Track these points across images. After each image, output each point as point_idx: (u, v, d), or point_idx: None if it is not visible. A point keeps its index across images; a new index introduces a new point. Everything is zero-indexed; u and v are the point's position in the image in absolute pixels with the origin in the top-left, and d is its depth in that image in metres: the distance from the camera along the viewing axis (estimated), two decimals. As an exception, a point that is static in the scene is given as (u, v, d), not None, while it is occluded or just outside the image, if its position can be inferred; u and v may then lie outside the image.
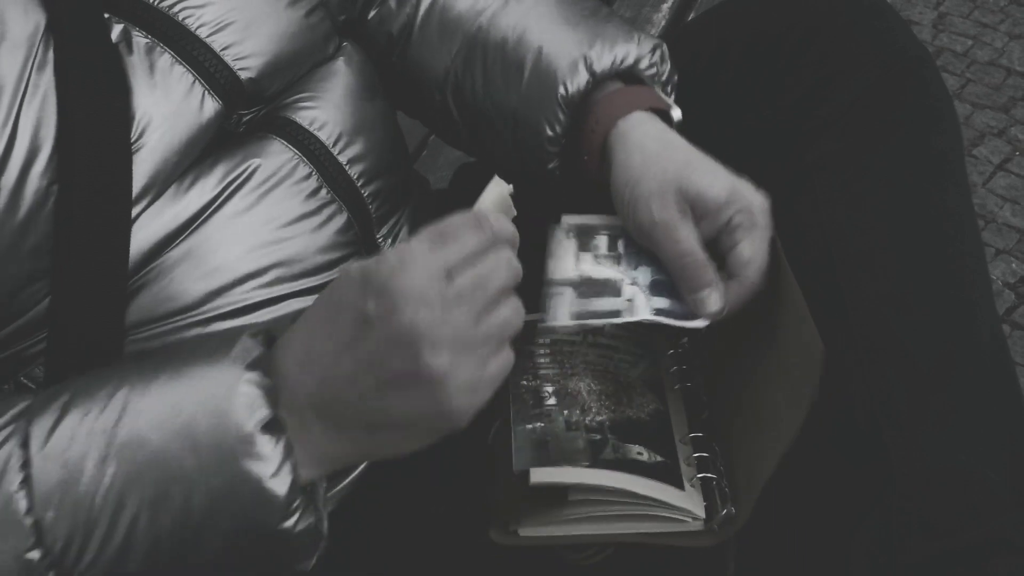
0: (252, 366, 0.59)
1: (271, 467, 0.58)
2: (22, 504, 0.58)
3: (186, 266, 0.69)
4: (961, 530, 0.70)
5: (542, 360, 0.82)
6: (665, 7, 1.75)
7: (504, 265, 0.59)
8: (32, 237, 0.64)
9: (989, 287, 0.80)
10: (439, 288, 0.57)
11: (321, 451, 0.60)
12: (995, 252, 1.75)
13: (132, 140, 0.68)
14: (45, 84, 0.65)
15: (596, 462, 0.73)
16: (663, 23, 1.72)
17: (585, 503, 0.72)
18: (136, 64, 0.69)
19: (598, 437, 0.75)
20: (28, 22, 0.65)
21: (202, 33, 0.72)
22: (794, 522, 0.80)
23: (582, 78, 0.80)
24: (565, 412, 0.77)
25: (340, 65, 0.83)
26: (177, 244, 0.69)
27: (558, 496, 0.73)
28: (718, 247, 0.75)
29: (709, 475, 0.75)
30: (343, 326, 0.58)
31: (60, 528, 0.58)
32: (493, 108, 0.85)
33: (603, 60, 0.80)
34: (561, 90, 0.80)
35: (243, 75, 0.74)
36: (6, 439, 0.59)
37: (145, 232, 0.68)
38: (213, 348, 0.61)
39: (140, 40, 0.70)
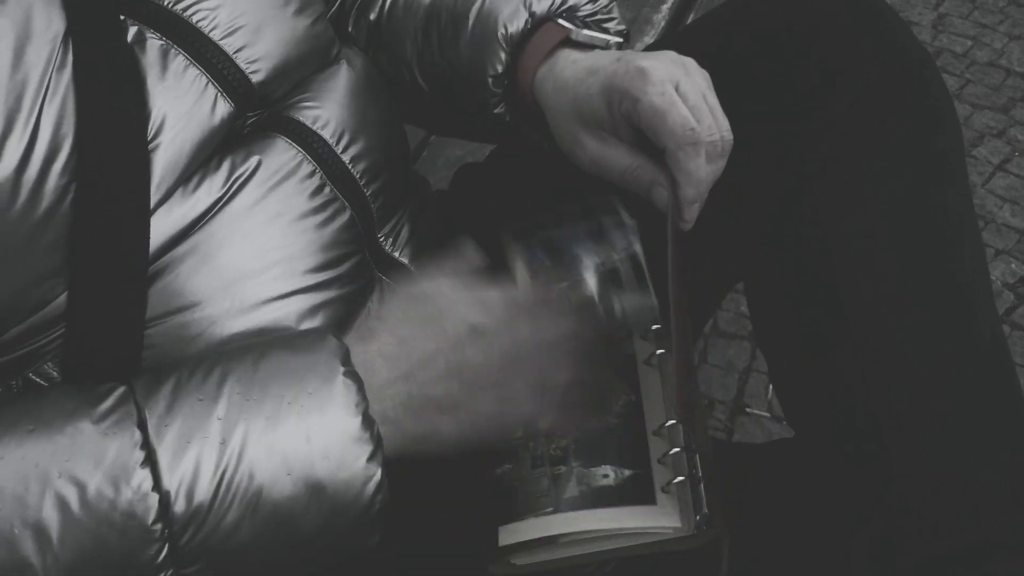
0: (345, 360, 0.65)
1: (367, 452, 0.64)
2: (148, 482, 0.60)
3: (193, 262, 0.70)
4: (961, 530, 0.70)
5: None
6: (665, 8, 1.75)
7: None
8: (50, 233, 0.64)
9: (989, 288, 0.80)
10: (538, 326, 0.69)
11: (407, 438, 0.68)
12: (995, 252, 1.75)
13: (148, 140, 0.68)
14: (65, 84, 0.65)
15: (560, 504, 0.72)
16: (663, 24, 1.72)
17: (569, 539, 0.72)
18: (151, 65, 0.70)
19: (562, 469, 0.74)
20: (51, 23, 0.66)
21: (215, 36, 0.73)
22: (794, 522, 0.81)
23: (521, 18, 0.84)
24: (531, 444, 0.76)
25: (343, 66, 0.83)
26: (184, 240, 0.70)
27: None
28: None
29: (682, 478, 0.73)
30: (447, 333, 0.68)
31: (187, 504, 0.60)
32: (449, 68, 0.89)
33: (543, 2, 0.84)
34: (501, 30, 0.84)
35: (254, 78, 0.75)
36: (121, 419, 0.61)
37: (156, 230, 0.68)
38: (307, 345, 0.66)
39: (155, 42, 0.71)
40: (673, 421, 0.75)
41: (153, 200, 0.68)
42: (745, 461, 0.92)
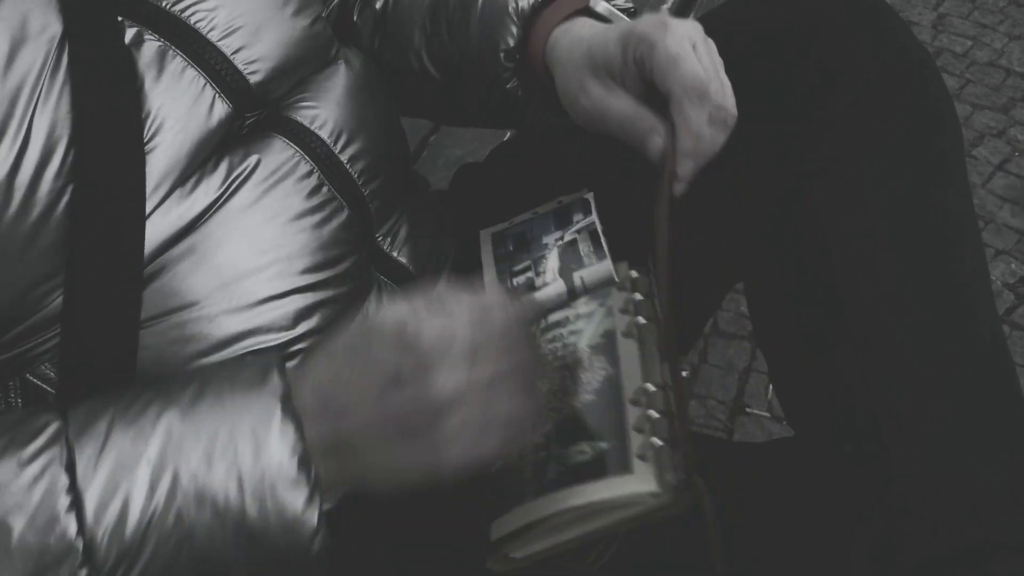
0: (285, 400, 0.62)
1: (303, 497, 0.61)
2: (72, 527, 0.59)
3: (190, 262, 0.70)
4: (961, 531, 0.70)
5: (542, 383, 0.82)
6: (664, 8, 1.75)
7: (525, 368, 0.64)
8: (47, 236, 0.64)
9: (989, 288, 0.80)
10: (470, 363, 0.62)
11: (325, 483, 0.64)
12: (995, 252, 1.75)
13: (145, 141, 0.68)
14: (59, 86, 0.65)
15: (541, 489, 0.71)
16: (663, 24, 1.72)
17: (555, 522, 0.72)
18: (148, 67, 0.70)
19: (542, 455, 0.73)
20: (47, 25, 0.66)
21: (213, 37, 0.73)
22: (794, 522, 0.81)
23: None
24: None
25: (341, 66, 0.84)
26: (182, 240, 0.70)
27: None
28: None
29: (657, 440, 0.71)
30: (371, 377, 0.62)
31: (111, 549, 0.59)
32: (459, 51, 0.89)
33: None
34: (512, 4, 0.84)
35: (252, 79, 0.75)
36: (49, 462, 0.60)
37: (153, 231, 0.68)
38: (247, 380, 0.63)
39: (153, 43, 0.71)
40: (648, 385, 0.74)
41: (151, 201, 0.68)
42: (745, 461, 0.92)
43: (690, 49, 0.73)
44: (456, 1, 0.89)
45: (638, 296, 0.80)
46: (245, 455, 0.60)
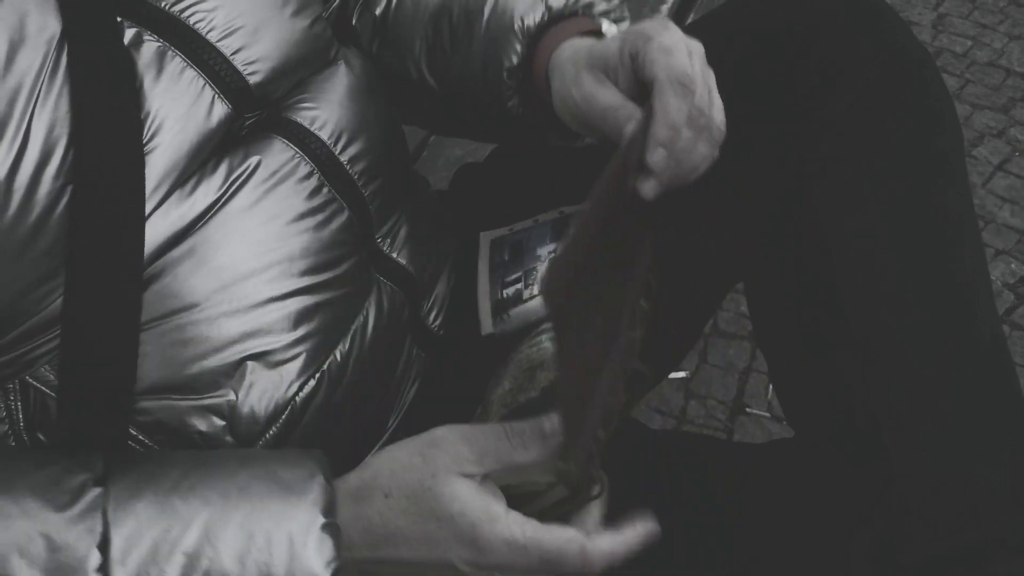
0: (327, 512, 0.63)
1: None
2: None
3: (190, 264, 0.70)
4: (961, 530, 0.70)
5: (506, 383, 0.81)
6: (664, 8, 1.75)
7: None
8: (45, 238, 0.64)
9: (989, 288, 0.80)
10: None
11: None
12: (995, 252, 1.75)
13: (144, 142, 0.68)
14: (57, 87, 0.65)
15: None
16: (663, 24, 1.72)
17: None
18: (148, 67, 0.70)
19: None
20: (46, 26, 0.66)
21: (212, 37, 0.73)
22: (794, 522, 0.81)
23: (538, 11, 0.84)
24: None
25: (341, 67, 0.83)
26: (181, 242, 0.70)
27: None
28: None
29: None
30: (427, 550, 0.64)
31: None
32: (461, 63, 0.88)
33: None
34: (518, 23, 0.84)
35: (252, 79, 0.75)
36: (83, 535, 0.61)
37: (153, 232, 0.68)
38: (291, 484, 0.64)
39: (152, 44, 0.71)
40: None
41: (151, 202, 0.68)
42: (745, 461, 0.92)
43: (684, 47, 0.72)
44: (460, 13, 0.89)
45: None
46: (279, 561, 0.62)
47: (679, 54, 0.71)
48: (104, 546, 0.60)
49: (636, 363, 0.72)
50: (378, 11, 0.95)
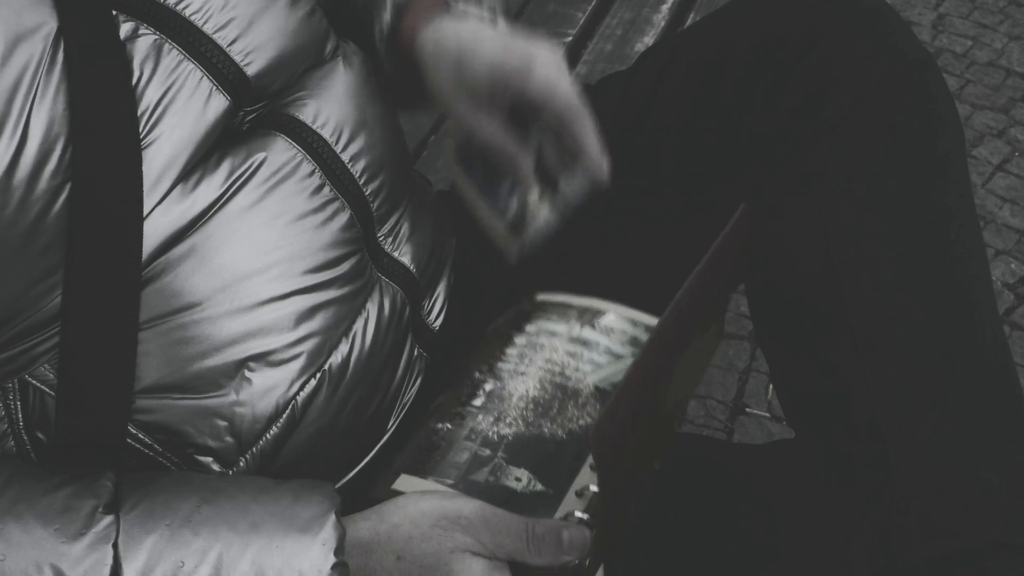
0: (338, 553, 0.64)
1: None
2: None
3: (191, 263, 0.70)
4: (960, 532, 0.70)
5: (509, 350, 0.81)
6: (664, 8, 1.75)
7: None
8: (44, 236, 0.64)
9: (990, 288, 0.80)
10: None
11: None
12: (995, 253, 1.75)
13: (142, 135, 0.68)
14: (55, 84, 0.65)
15: (461, 482, 0.72)
16: (663, 24, 1.72)
17: None
18: (144, 61, 0.70)
19: (486, 453, 0.73)
20: (42, 21, 0.66)
21: (208, 29, 0.73)
22: (794, 522, 0.81)
23: None
24: (479, 417, 0.76)
25: (340, 64, 0.83)
26: (182, 241, 0.70)
27: None
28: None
29: (586, 516, 0.70)
30: None
31: None
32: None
33: None
34: None
35: (249, 70, 0.75)
36: (92, 567, 0.61)
37: (154, 229, 0.68)
38: (305, 522, 0.65)
39: (148, 37, 0.70)
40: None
41: (153, 197, 0.68)
42: (745, 461, 0.92)
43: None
44: None
45: None
46: None
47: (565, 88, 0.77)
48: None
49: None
50: None
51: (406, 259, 0.86)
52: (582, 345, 0.81)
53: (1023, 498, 0.72)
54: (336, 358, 0.76)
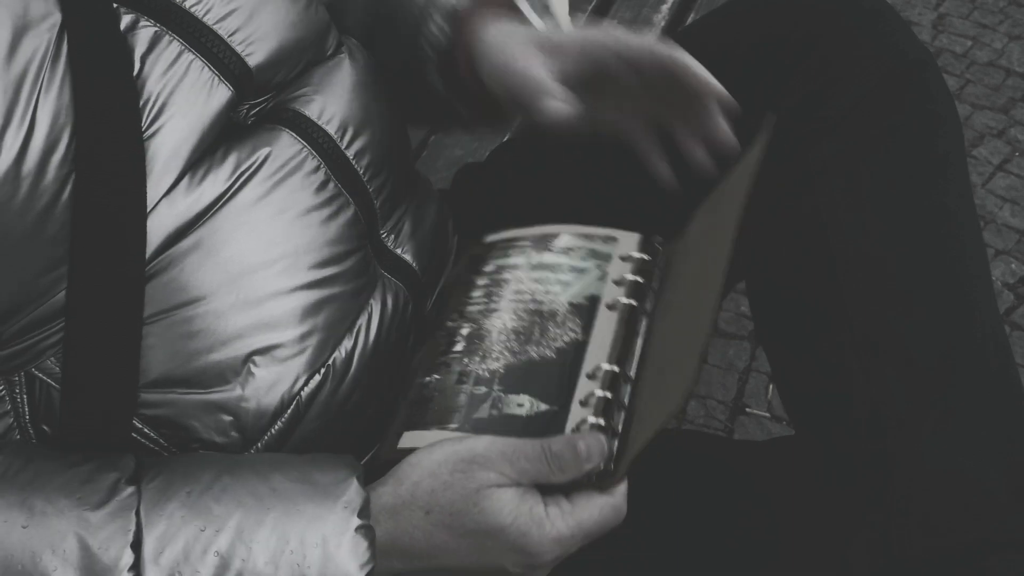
0: (362, 514, 0.64)
1: None
2: None
3: (197, 256, 0.70)
4: (960, 530, 0.70)
5: (475, 293, 0.82)
6: (664, 8, 1.75)
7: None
8: (51, 226, 0.64)
9: (990, 288, 0.80)
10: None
11: None
12: (995, 253, 1.75)
13: (144, 128, 0.68)
14: (60, 76, 0.65)
15: (466, 423, 0.71)
16: (663, 24, 1.72)
17: None
18: (146, 53, 0.70)
19: (482, 390, 0.73)
20: (47, 13, 0.66)
21: (209, 20, 0.73)
22: (794, 522, 0.81)
23: None
24: (465, 360, 0.76)
25: (344, 60, 0.83)
26: (189, 234, 0.70)
27: None
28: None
29: (599, 420, 0.70)
30: (476, 559, 0.66)
31: None
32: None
33: None
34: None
35: (250, 60, 0.75)
36: (116, 533, 0.61)
37: (160, 222, 0.68)
38: (325, 487, 0.65)
39: (149, 29, 0.71)
40: (610, 366, 0.73)
41: (159, 189, 0.68)
42: (745, 461, 0.92)
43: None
44: None
45: (637, 278, 0.79)
46: (313, 563, 0.62)
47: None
48: (137, 545, 0.61)
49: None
50: None
51: (408, 256, 0.86)
52: (545, 269, 0.81)
53: (1023, 498, 0.72)
54: (340, 354, 0.76)
